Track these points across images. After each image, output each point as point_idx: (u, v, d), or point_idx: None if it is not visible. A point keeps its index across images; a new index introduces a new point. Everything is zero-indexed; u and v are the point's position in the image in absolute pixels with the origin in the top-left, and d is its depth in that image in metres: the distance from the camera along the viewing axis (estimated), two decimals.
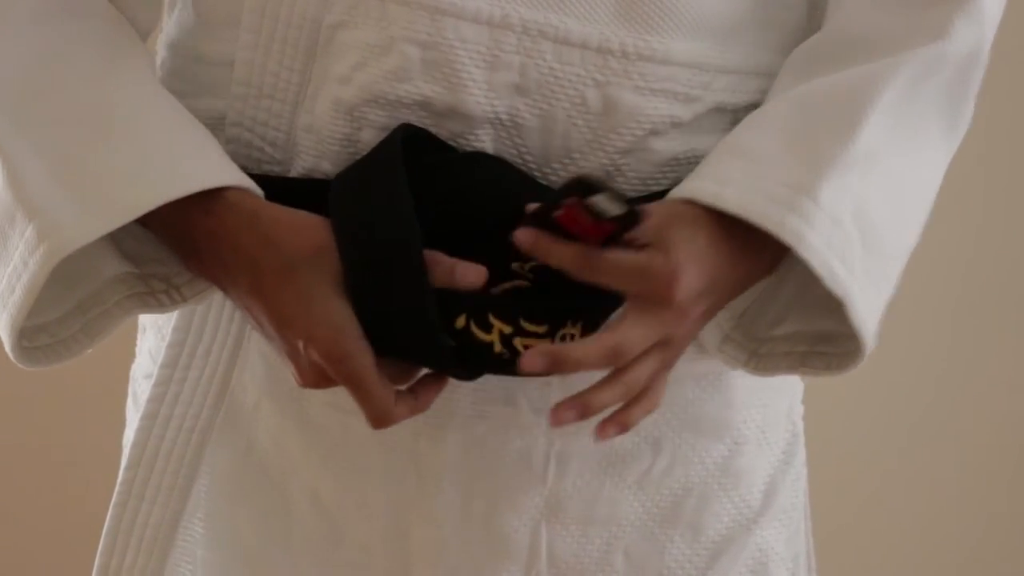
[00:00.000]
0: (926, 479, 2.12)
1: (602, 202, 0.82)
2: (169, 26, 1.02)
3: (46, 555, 2.04)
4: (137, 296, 0.96)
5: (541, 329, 0.87)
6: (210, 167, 0.89)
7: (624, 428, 0.88)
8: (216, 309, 0.98)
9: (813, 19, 0.98)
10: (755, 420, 1.03)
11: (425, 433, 0.96)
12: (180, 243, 0.91)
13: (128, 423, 1.08)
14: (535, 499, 0.98)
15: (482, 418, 0.96)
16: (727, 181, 0.87)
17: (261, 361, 0.98)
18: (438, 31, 0.89)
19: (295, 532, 1.00)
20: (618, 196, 0.83)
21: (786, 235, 0.85)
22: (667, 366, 0.88)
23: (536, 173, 0.93)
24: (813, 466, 1.10)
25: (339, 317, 0.86)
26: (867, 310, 0.88)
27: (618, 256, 0.85)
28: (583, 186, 0.82)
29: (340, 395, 0.96)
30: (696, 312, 0.87)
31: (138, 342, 1.09)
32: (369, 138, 0.91)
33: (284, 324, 0.87)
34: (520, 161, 0.92)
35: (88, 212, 0.87)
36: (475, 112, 0.90)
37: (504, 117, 0.91)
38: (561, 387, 0.96)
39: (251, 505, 1.01)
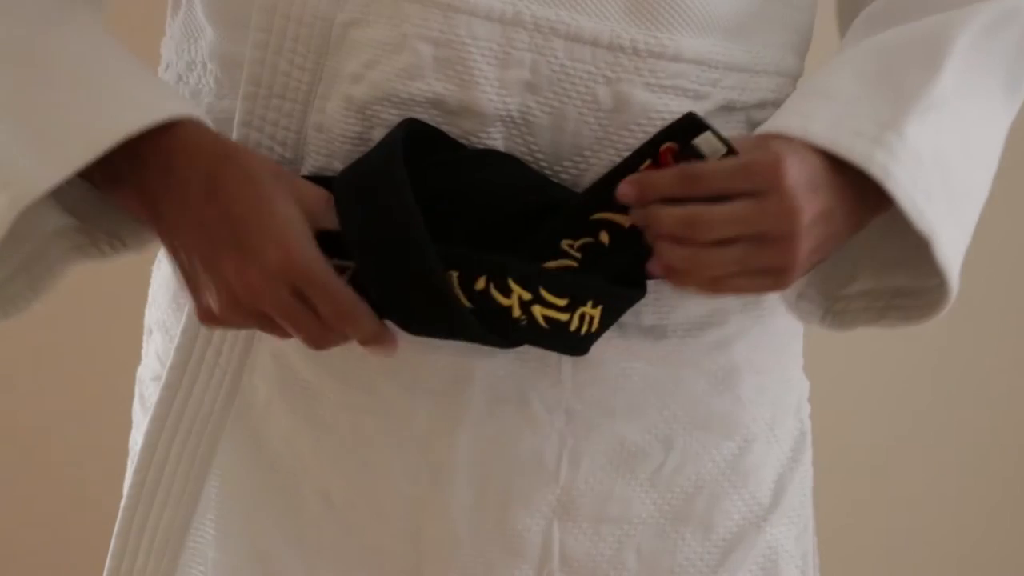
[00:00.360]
0: (926, 479, 2.12)
1: (704, 144, 0.83)
2: (173, 28, 1.02)
3: (56, 558, 2.03)
4: (78, 248, 0.96)
5: (561, 302, 0.87)
6: (166, 101, 0.89)
7: (668, 272, 0.86)
8: None
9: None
10: (764, 418, 1.03)
11: (438, 432, 0.96)
12: (128, 183, 0.90)
13: (135, 425, 1.08)
14: (547, 497, 0.98)
15: (494, 417, 0.96)
16: (812, 117, 0.87)
17: (272, 362, 0.98)
18: (451, 28, 0.89)
19: (307, 532, 0.99)
20: (719, 136, 0.83)
21: (874, 168, 0.85)
22: (756, 266, 0.86)
23: (547, 170, 0.93)
24: (813, 465, 1.10)
25: (302, 227, 0.86)
26: (951, 251, 0.88)
27: (719, 162, 0.84)
28: (683, 128, 0.82)
29: (353, 394, 0.96)
30: (806, 209, 0.84)
31: (144, 344, 1.09)
32: (380, 136, 0.91)
33: (240, 227, 0.86)
34: (531, 159, 0.92)
35: (47, 157, 0.86)
36: (487, 110, 0.90)
37: (515, 114, 0.91)
38: (574, 388, 0.96)
39: (263, 506, 1.01)
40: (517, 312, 0.87)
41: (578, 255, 0.89)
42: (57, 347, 1.98)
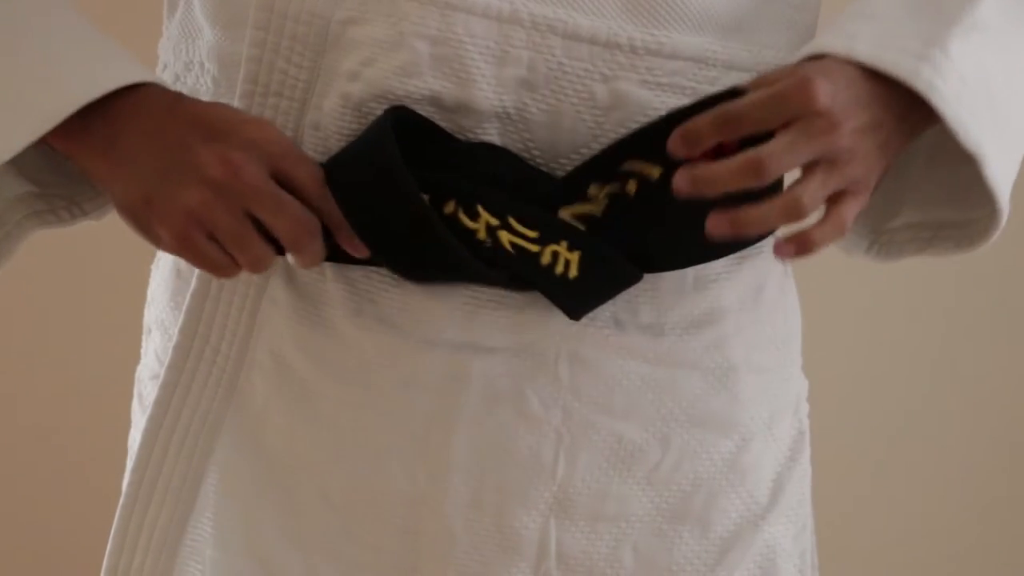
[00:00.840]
0: (926, 478, 2.12)
1: None
2: (171, 29, 1.02)
3: (54, 556, 2.03)
4: (36, 215, 0.98)
5: (531, 233, 0.89)
6: (127, 67, 0.90)
7: (805, 248, 0.85)
8: (223, 309, 0.98)
9: None
10: (762, 416, 1.03)
11: (435, 429, 0.96)
12: (85, 137, 0.90)
13: (134, 424, 1.08)
14: (544, 495, 0.98)
15: (491, 414, 0.96)
16: (856, 37, 0.87)
17: (270, 360, 0.98)
18: (448, 26, 0.89)
19: (305, 530, 0.99)
20: None
21: (919, 83, 0.85)
22: (838, 186, 0.85)
23: (543, 167, 0.93)
24: (812, 464, 1.10)
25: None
26: (1000, 170, 0.87)
27: (752, 96, 0.84)
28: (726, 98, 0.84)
29: (350, 392, 0.96)
30: (848, 121, 0.84)
31: (143, 343, 1.09)
32: None
33: (214, 120, 0.88)
34: (527, 155, 0.92)
35: (10, 124, 0.87)
36: (483, 107, 0.90)
37: (512, 111, 0.91)
38: (571, 385, 0.96)
39: (261, 504, 1.01)
40: (482, 235, 0.89)
41: (605, 202, 0.90)
42: (56, 346, 1.98)
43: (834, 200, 0.87)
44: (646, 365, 0.98)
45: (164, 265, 1.06)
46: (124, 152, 0.90)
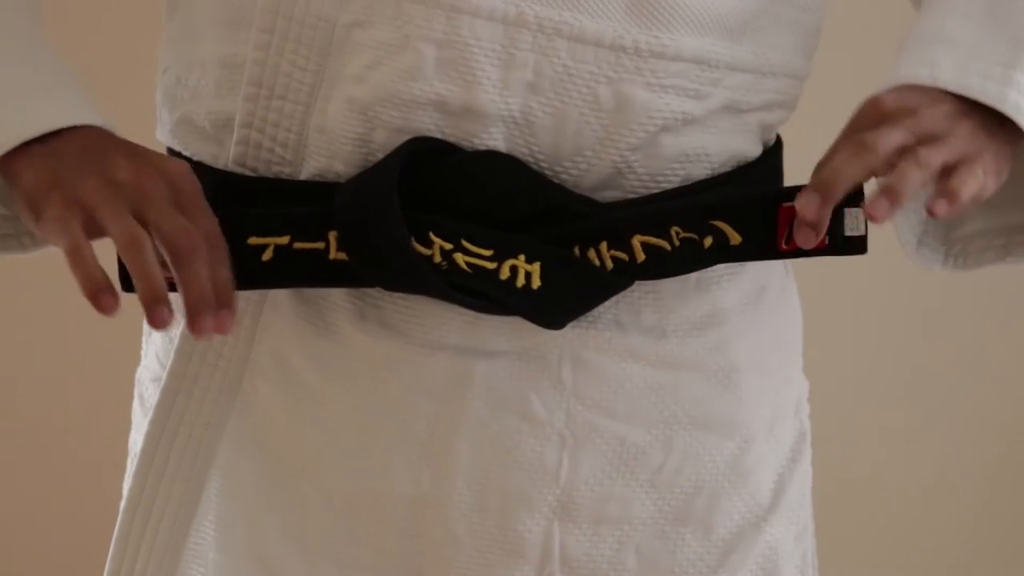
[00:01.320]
0: (927, 480, 2.13)
1: (850, 217, 0.90)
2: (171, 31, 1.02)
3: (55, 559, 2.03)
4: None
5: (486, 252, 0.91)
6: (62, 106, 0.91)
7: (952, 199, 0.87)
8: None
9: None
10: (764, 418, 1.03)
11: (438, 433, 0.96)
12: (19, 157, 0.90)
13: (135, 425, 1.08)
14: (548, 498, 0.98)
15: (495, 418, 0.96)
16: (937, 64, 0.91)
17: (272, 362, 0.98)
18: (454, 29, 0.89)
19: (308, 533, 0.99)
20: (862, 218, 0.89)
21: (1008, 108, 0.89)
22: (947, 156, 0.88)
23: (547, 171, 0.93)
24: (813, 466, 1.10)
25: None
26: None
27: (836, 155, 0.89)
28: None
29: (353, 395, 0.96)
30: (928, 108, 0.89)
31: (143, 345, 1.09)
32: (382, 138, 0.91)
33: (134, 146, 0.89)
34: (531, 159, 0.93)
35: None
36: (489, 110, 0.90)
37: (517, 115, 0.91)
38: (574, 388, 0.96)
39: (263, 507, 1.00)
40: (438, 258, 0.90)
41: (677, 244, 0.93)
42: (56, 348, 1.98)
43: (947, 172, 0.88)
44: (648, 367, 0.98)
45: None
46: (50, 154, 0.89)
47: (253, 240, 0.91)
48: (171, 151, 1.01)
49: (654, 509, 1.00)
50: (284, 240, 0.91)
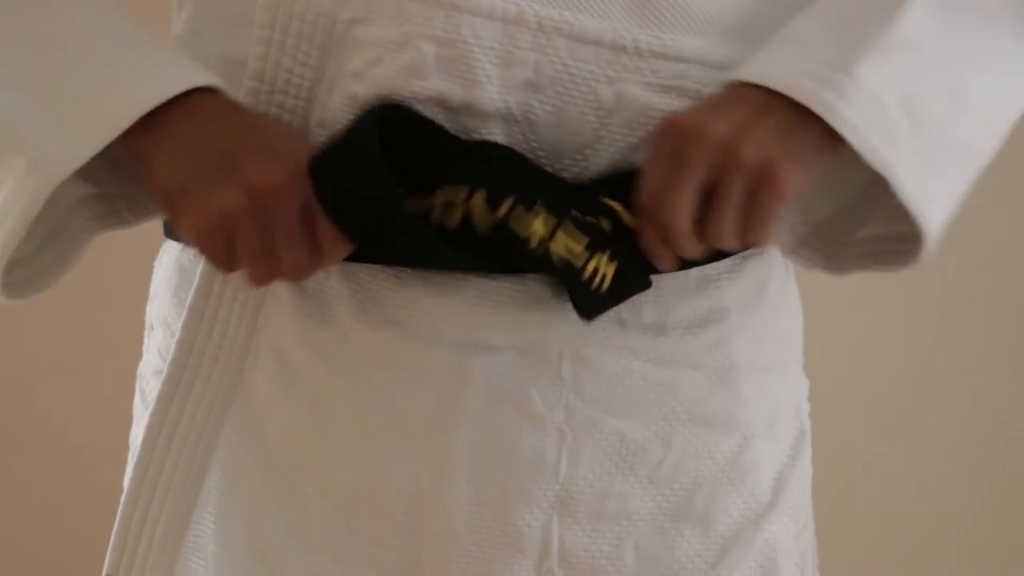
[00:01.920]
0: (927, 478, 2.13)
1: None
2: (178, 27, 1.02)
3: (57, 551, 2.03)
4: (99, 217, 0.99)
5: (583, 240, 0.91)
6: (188, 71, 0.91)
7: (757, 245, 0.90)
8: (226, 306, 0.99)
9: None
10: (764, 415, 1.03)
11: (437, 427, 0.96)
12: (148, 137, 0.91)
13: (136, 420, 1.08)
14: (547, 494, 0.98)
15: (494, 412, 0.96)
16: (771, 62, 0.89)
17: (272, 356, 0.98)
18: (454, 28, 0.89)
19: (307, 526, 1.00)
20: None
21: (820, 108, 0.86)
22: (740, 179, 0.87)
23: (548, 168, 0.93)
24: (813, 464, 1.11)
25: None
26: (920, 191, 0.88)
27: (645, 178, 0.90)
28: None
29: (353, 389, 0.97)
30: (706, 120, 0.87)
31: (145, 339, 1.09)
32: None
33: (267, 133, 0.90)
34: (531, 155, 0.93)
35: (73, 136, 0.89)
36: (488, 108, 0.91)
37: (517, 113, 0.91)
38: (574, 384, 0.97)
39: (263, 500, 1.01)
40: (535, 242, 0.90)
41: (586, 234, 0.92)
42: (58, 342, 1.98)
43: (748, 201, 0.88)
44: (648, 364, 0.98)
45: (167, 261, 1.07)
46: (175, 142, 0.90)
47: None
48: None
49: (653, 505, 1.00)
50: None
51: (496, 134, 0.92)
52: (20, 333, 1.95)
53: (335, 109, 0.92)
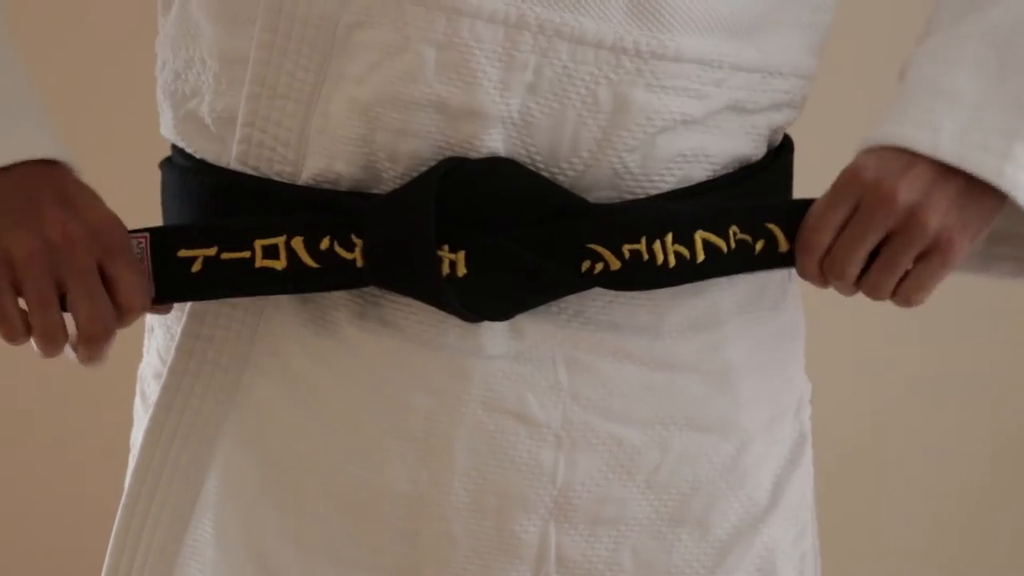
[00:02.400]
0: (928, 482, 2.13)
1: None
2: (167, 27, 1.01)
3: (55, 555, 2.03)
4: None
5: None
6: (16, 140, 0.94)
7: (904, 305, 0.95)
8: (227, 310, 0.99)
9: None
10: (762, 419, 1.03)
11: (436, 433, 0.96)
12: None
13: (136, 423, 1.08)
14: (545, 500, 0.98)
15: (492, 418, 0.96)
16: (939, 128, 0.91)
17: (272, 360, 0.98)
18: (454, 31, 0.89)
19: (306, 531, 1.00)
20: None
21: (1003, 183, 0.90)
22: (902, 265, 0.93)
23: (544, 172, 0.93)
24: (815, 467, 1.10)
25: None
26: None
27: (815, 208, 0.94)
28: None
29: (352, 394, 0.96)
30: (898, 190, 0.91)
31: (146, 341, 1.09)
32: (383, 140, 0.91)
33: (69, 191, 0.93)
34: (528, 160, 0.93)
35: None
36: (489, 112, 0.90)
37: (516, 116, 0.91)
38: (571, 389, 0.97)
39: (262, 504, 1.01)
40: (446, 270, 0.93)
41: (733, 245, 0.95)
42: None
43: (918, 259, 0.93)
44: (643, 368, 0.98)
45: None
46: None
47: (183, 252, 0.94)
48: (175, 148, 1.02)
49: (650, 510, 1.00)
50: (212, 251, 0.94)
51: (496, 139, 0.91)
52: None
53: (335, 114, 0.92)
